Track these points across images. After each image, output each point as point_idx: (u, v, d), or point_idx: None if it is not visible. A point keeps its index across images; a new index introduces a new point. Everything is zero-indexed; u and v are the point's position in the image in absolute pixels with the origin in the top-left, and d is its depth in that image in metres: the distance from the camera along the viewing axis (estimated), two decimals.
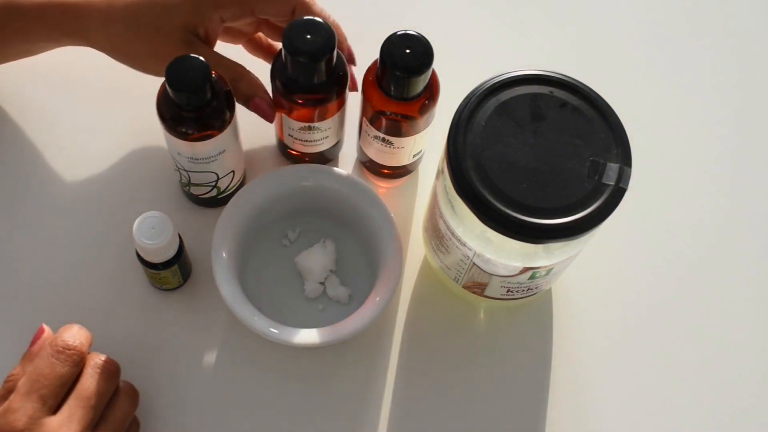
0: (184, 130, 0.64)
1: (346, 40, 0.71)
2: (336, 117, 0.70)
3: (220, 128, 0.65)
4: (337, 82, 0.67)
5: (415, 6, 0.85)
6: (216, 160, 0.67)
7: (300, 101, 0.67)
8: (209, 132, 0.64)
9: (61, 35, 0.70)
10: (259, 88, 0.69)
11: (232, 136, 0.67)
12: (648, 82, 0.84)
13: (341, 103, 0.69)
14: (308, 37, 0.63)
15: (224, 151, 0.67)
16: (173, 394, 0.70)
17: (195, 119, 0.64)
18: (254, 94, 0.69)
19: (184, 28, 0.68)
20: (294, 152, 0.75)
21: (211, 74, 0.62)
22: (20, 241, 0.74)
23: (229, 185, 0.72)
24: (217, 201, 0.74)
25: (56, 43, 0.71)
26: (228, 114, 0.65)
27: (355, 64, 0.72)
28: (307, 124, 0.69)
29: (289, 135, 0.72)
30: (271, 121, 0.69)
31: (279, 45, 0.71)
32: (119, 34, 0.69)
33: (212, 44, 0.70)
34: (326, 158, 0.76)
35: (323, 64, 0.64)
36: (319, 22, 0.64)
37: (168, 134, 0.65)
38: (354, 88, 0.71)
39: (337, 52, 0.66)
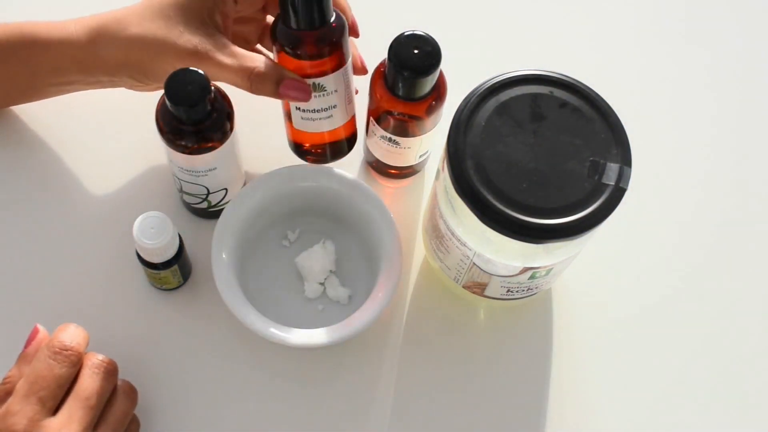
0: (182, 142, 0.64)
1: (350, 9, 0.70)
2: (340, 74, 0.67)
3: (221, 140, 0.65)
4: (337, 29, 0.65)
5: (416, 6, 0.85)
6: (207, 175, 0.67)
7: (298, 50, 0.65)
8: (206, 145, 0.64)
9: (72, 68, 0.69)
10: (284, 69, 0.66)
11: (229, 153, 0.67)
12: (648, 82, 0.84)
13: (340, 57, 0.66)
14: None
15: (216, 168, 0.67)
16: (173, 394, 0.70)
17: (193, 132, 0.63)
18: (283, 75, 0.65)
19: (200, 19, 0.67)
20: (306, 146, 0.72)
21: (210, 87, 0.62)
22: (20, 241, 0.74)
23: (220, 201, 0.72)
24: (207, 213, 0.73)
25: (66, 75, 0.70)
26: (226, 128, 0.65)
27: (357, 36, 0.70)
28: (314, 81, 0.66)
29: (296, 108, 0.68)
30: (308, 97, 0.66)
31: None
32: (132, 36, 0.67)
33: (226, 31, 0.69)
34: (339, 151, 0.73)
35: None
36: None
37: (165, 145, 0.65)
38: (364, 71, 0.71)
39: (335, 12, 0.65)
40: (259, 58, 0.66)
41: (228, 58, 0.65)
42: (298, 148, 0.72)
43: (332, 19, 0.64)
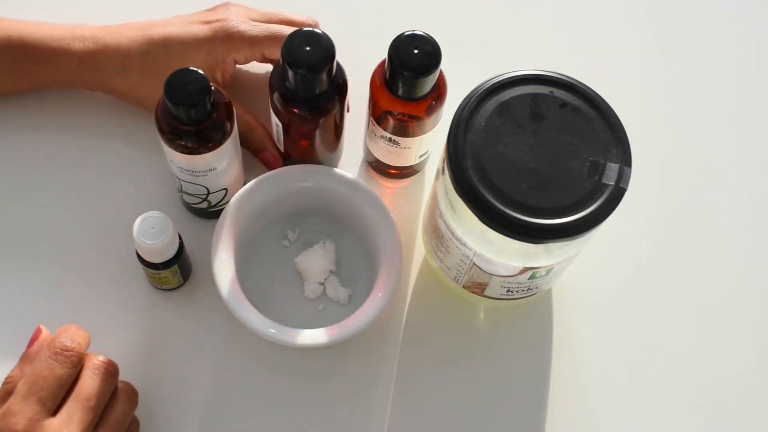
0: (182, 142, 0.64)
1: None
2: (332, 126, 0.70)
3: (221, 140, 0.64)
4: (337, 91, 0.67)
5: (417, 6, 0.85)
6: (207, 175, 0.67)
7: (296, 111, 0.67)
8: (206, 145, 0.64)
9: (77, 82, 0.73)
10: (268, 141, 0.74)
11: (229, 154, 0.67)
12: (648, 82, 0.84)
13: (342, 113, 0.69)
14: (308, 48, 0.63)
15: (216, 168, 0.67)
16: (173, 394, 0.70)
17: (193, 132, 0.63)
18: (263, 147, 0.74)
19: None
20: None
21: (210, 88, 0.62)
22: (21, 241, 0.74)
23: (220, 201, 0.72)
24: (207, 213, 0.73)
25: (71, 87, 0.74)
26: (226, 128, 0.65)
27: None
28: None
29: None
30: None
31: None
32: (137, 83, 0.71)
33: (226, 85, 0.73)
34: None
35: (324, 74, 0.64)
36: (318, 33, 0.64)
37: (165, 145, 0.65)
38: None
39: (337, 62, 0.66)
40: (253, 122, 0.73)
41: None
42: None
43: (333, 80, 0.66)
